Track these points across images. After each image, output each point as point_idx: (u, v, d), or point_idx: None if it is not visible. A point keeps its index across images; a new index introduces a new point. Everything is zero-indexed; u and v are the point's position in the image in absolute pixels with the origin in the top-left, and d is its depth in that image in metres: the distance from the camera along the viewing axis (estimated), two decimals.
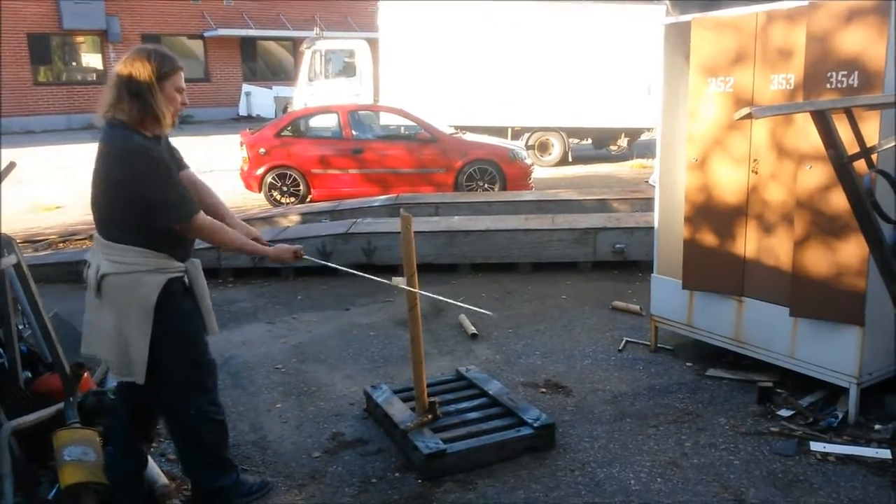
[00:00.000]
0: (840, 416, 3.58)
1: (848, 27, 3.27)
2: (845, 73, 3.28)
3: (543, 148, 14.11)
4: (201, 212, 2.74)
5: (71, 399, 3.22)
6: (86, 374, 3.49)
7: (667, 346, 4.61)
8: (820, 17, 3.36)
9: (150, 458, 3.22)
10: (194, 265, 2.87)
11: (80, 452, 2.86)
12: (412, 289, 3.30)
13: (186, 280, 2.83)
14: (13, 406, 3.17)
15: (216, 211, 3.03)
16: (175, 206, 2.66)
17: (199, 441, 2.89)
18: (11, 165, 3.55)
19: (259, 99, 23.11)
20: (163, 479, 3.07)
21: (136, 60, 2.64)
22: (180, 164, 2.95)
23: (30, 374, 3.61)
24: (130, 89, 2.62)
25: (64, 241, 8.01)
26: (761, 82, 3.68)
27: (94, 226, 2.82)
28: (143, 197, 2.62)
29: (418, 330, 3.38)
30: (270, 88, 23.08)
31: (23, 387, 3.42)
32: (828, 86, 3.34)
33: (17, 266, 3.40)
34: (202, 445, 2.90)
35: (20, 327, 3.68)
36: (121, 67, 2.65)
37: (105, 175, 2.65)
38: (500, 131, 13.23)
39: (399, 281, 3.36)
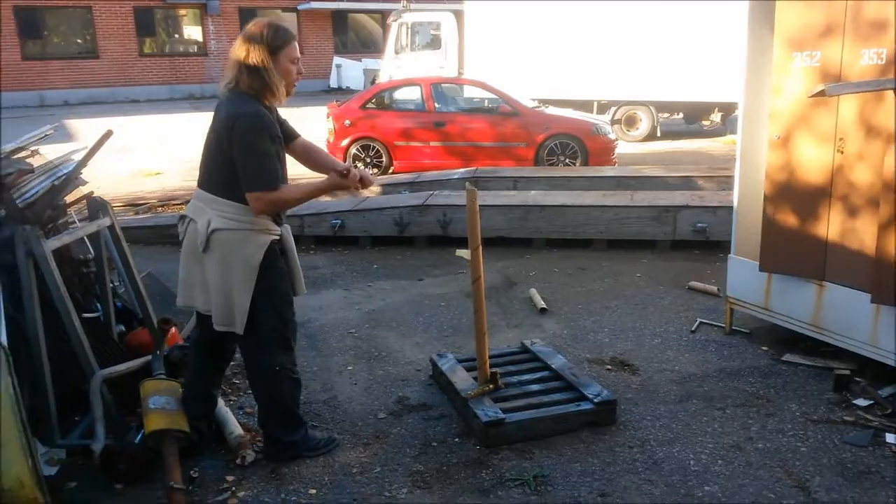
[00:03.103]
0: None
1: None
2: None
3: (630, 122, 13.78)
4: (276, 190, 2.81)
5: (158, 352, 3.48)
6: (173, 330, 3.76)
7: (743, 329, 4.49)
8: None
9: (228, 409, 3.45)
10: (287, 230, 3.08)
11: (163, 402, 3.11)
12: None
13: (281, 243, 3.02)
14: (108, 357, 3.45)
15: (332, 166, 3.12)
16: (252, 173, 2.79)
17: (277, 396, 3.07)
18: (108, 134, 3.82)
19: (349, 71, 23.49)
20: (239, 430, 3.27)
21: (251, 35, 2.80)
22: (291, 134, 3.10)
23: (123, 328, 3.92)
24: (248, 64, 2.79)
25: (163, 206, 8.49)
26: (850, 57, 3.48)
27: (191, 191, 3.00)
28: (235, 155, 2.78)
29: (481, 301, 3.43)
30: (360, 61, 23.42)
31: (116, 339, 3.72)
32: None
33: (111, 228, 3.68)
34: (279, 400, 3.08)
35: (115, 284, 3.98)
36: (238, 43, 2.83)
37: (217, 133, 2.82)
38: (585, 105, 13.00)
39: (464, 253, 3.42)
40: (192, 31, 23.92)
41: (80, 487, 2.97)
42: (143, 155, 12.05)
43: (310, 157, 3.17)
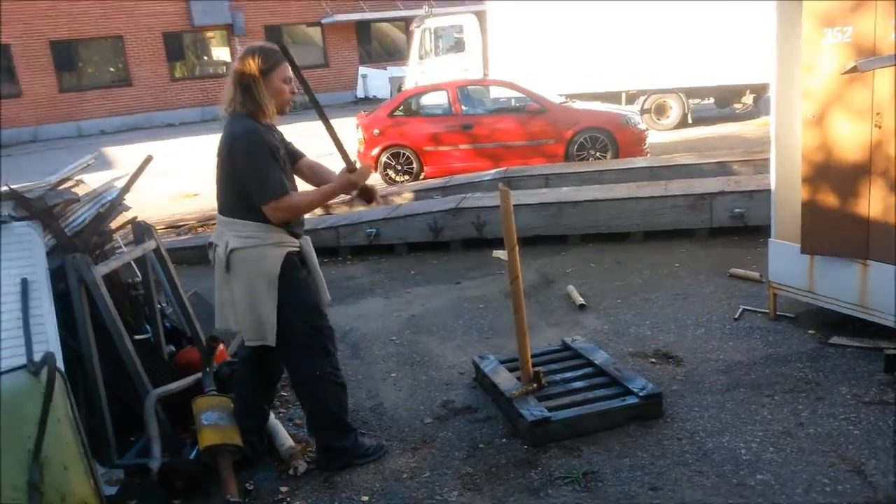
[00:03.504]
0: None
1: None
2: None
3: (661, 111, 13.63)
4: (286, 196, 2.91)
5: (208, 369, 3.57)
6: (221, 347, 3.84)
7: (788, 314, 4.42)
8: None
9: (279, 422, 3.52)
10: (307, 241, 3.16)
11: (216, 417, 3.18)
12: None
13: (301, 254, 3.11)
14: (159, 376, 3.55)
15: None
16: (259, 186, 2.88)
17: (323, 403, 3.13)
18: (148, 159, 3.93)
19: (375, 80, 23.66)
20: (289, 442, 3.34)
21: (244, 59, 2.96)
22: (296, 154, 3.21)
23: (173, 348, 4.02)
24: (241, 85, 2.94)
25: (202, 226, 8.66)
26: (884, 29, 3.41)
27: None
28: (239, 174, 2.89)
29: (521, 301, 3.44)
30: (385, 69, 23.57)
31: (166, 359, 3.82)
32: None
33: (157, 250, 3.78)
34: (326, 407, 3.13)
35: (162, 305, 4.09)
36: (234, 66, 2.98)
37: (221, 157, 2.96)
38: (613, 97, 12.91)
39: (500, 254, 3.43)
40: (221, 53, 24.39)
41: None
42: (180, 177, 12.31)
43: (317, 175, 3.24)
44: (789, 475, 2.87)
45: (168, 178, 12.10)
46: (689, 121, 13.60)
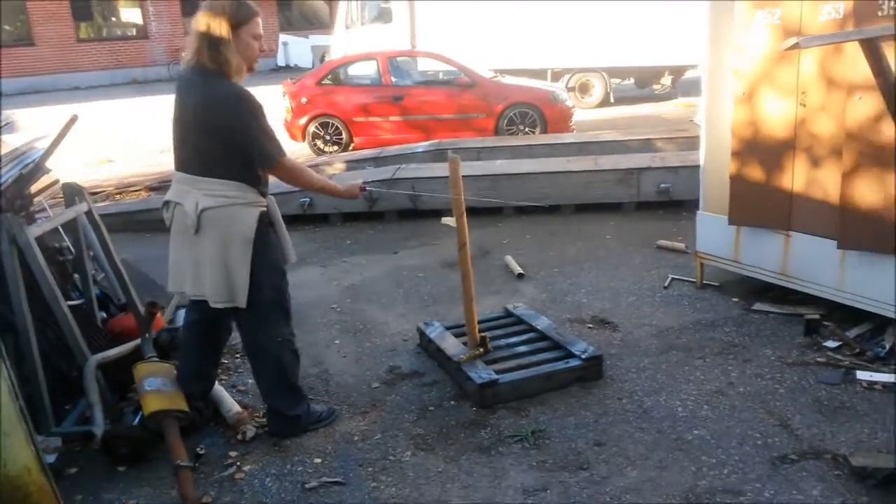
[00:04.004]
0: (887, 346, 3.62)
1: None
2: None
3: (584, 89, 13.91)
4: (286, 154, 2.91)
5: (147, 336, 3.46)
6: (158, 314, 3.73)
7: (713, 283, 4.66)
8: None
9: (223, 388, 3.45)
10: (272, 200, 3.06)
11: (159, 383, 3.10)
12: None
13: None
14: (93, 344, 3.42)
15: None
16: (267, 147, 2.82)
17: (281, 368, 3.08)
18: (74, 119, 3.72)
19: (296, 48, 23.10)
20: (236, 408, 3.29)
21: (212, 12, 2.74)
22: None
23: (105, 315, 3.87)
24: (210, 39, 2.74)
25: (120, 193, 8.27)
26: (810, 13, 3.61)
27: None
28: (243, 138, 2.78)
29: (468, 268, 3.50)
30: (307, 38, 23.02)
31: (100, 326, 3.67)
32: (879, 13, 3.27)
33: (89, 213, 3.62)
34: (283, 373, 3.09)
35: (93, 272, 3.92)
36: (201, 17, 2.76)
37: (204, 118, 2.77)
38: (539, 73, 13.08)
39: (449, 221, 3.47)
40: (130, 14, 23.17)
41: (82, 472, 2.96)
42: (92, 143, 11.69)
43: None
44: (724, 430, 3.06)
45: (79, 144, 11.47)
46: (612, 100, 13.96)
